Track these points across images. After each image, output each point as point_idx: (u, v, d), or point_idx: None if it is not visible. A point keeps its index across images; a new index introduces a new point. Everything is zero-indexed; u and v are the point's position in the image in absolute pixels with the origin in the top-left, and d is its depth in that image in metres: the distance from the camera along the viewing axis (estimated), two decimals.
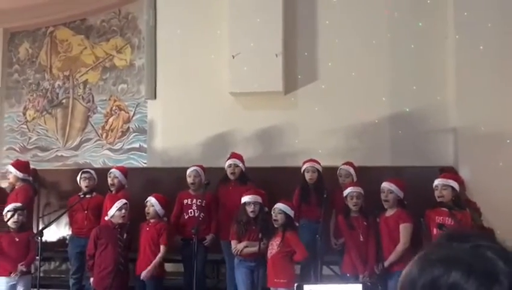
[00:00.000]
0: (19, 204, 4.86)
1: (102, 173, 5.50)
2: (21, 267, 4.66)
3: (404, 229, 4.34)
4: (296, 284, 2.63)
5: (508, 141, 5.65)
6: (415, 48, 6.15)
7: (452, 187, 4.35)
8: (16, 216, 4.70)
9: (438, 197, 4.36)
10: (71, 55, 9.14)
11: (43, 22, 9.14)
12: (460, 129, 5.81)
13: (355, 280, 4.39)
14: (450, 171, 5.18)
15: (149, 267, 4.66)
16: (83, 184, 5.35)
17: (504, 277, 0.67)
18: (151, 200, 4.81)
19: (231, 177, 5.10)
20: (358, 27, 6.27)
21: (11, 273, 4.68)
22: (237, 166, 5.09)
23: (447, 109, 5.98)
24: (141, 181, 6.02)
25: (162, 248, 4.72)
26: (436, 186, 4.38)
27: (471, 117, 5.71)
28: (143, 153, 8.15)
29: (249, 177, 5.14)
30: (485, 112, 5.61)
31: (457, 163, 5.74)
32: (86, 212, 5.30)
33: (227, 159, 5.19)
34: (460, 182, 4.71)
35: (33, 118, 9.24)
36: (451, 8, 6.03)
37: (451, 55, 5.99)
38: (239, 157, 5.19)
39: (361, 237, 4.52)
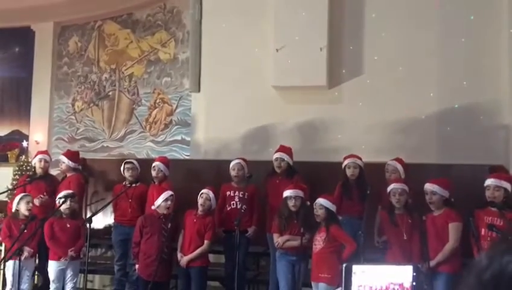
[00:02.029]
0: (70, 191, 5.03)
1: (146, 163, 5.63)
2: (71, 252, 4.84)
3: (454, 229, 4.21)
4: (344, 265, 2.59)
5: None
6: (466, 41, 5.94)
7: (505, 189, 4.19)
8: (68, 203, 4.88)
9: (489, 197, 4.21)
10: (118, 49, 9.38)
11: (92, 16, 9.42)
12: None
13: None
14: (500, 170, 4.98)
15: (188, 257, 4.73)
16: (127, 174, 5.50)
17: None
18: (209, 194, 4.82)
19: (277, 170, 5.08)
20: (406, 20, 6.12)
21: (61, 258, 4.86)
22: (283, 160, 5.07)
23: (499, 106, 5.76)
24: (184, 173, 6.12)
25: (206, 242, 4.78)
26: (488, 186, 4.22)
27: None
28: (185, 146, 8.28)
29: (297, 171, 5.11)
30: None
31: (509, 161, 5.52)
32: (130, 201, 5.44)
33: (275, 152, 5.18)
34: None
35: (81, 110, 9.55)
36: (505, 1, 5.79)
37: (504, 50, 5.75)
38: (286, 150, 5.16)
39: (404, 235, 4.42)
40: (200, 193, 4.85)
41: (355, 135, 6.06)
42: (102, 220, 6.16)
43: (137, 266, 4.85)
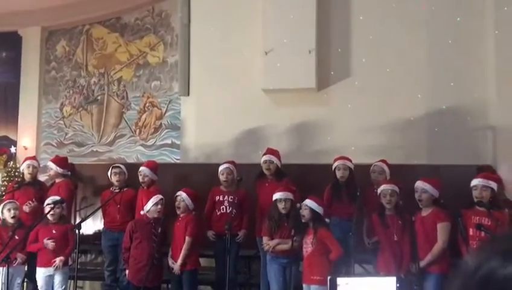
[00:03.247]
0: (57, 197, 4.98)
1: (135, 168, 5.60)
2: (58, 261, 4.78)
3: (442, 229, 4.24)
4: (329, 277, 2.59)
5: None
6: (452, 43, 5.99)
7: (492, 188, 4.23)
8: (54, 209, 4.83)
9: (476, 197, 4.24)
10: (106, 53, 9.33)
11: (80, 20, 9.36)
12: (500, 127, 5.64)
13: None
14: (488, 170, 5.03)
15: (178, 262, 4.71)
16: (114, 179, 5.45)
17: None
18: (182, 195, 4.84)
19: (266, 173, 5.08)
20: (393, 22, 6.16)
21: (47, 264, 4.80)
22: (272, 162, 5.07)
23: (486, 107, 5.81)
24: (174, 177, 6.09)
25: (186, 239, 4.74)
26: (475, 186, 4.25)
27: None
28: (175, 149, 8.25)
29: (286, 173, 5.11)
30: None
31: (496, 161, 5.57)
32: (118, 206, 5.40)
33: (263, 155, 5.18)
34: (499, 182, 4.57)
35: (69, 114, 9.48)
36: (491, 3, 5.85)
37: (490, 51, 5.81)
38: (274, 153, 5.17)
39: (395, 236, 4.44)
40: (175, 195, 4.86)
41: (345, 137, 6.08)
42: (92, 225, 6.11)
43: (127, 271, 4.82)
